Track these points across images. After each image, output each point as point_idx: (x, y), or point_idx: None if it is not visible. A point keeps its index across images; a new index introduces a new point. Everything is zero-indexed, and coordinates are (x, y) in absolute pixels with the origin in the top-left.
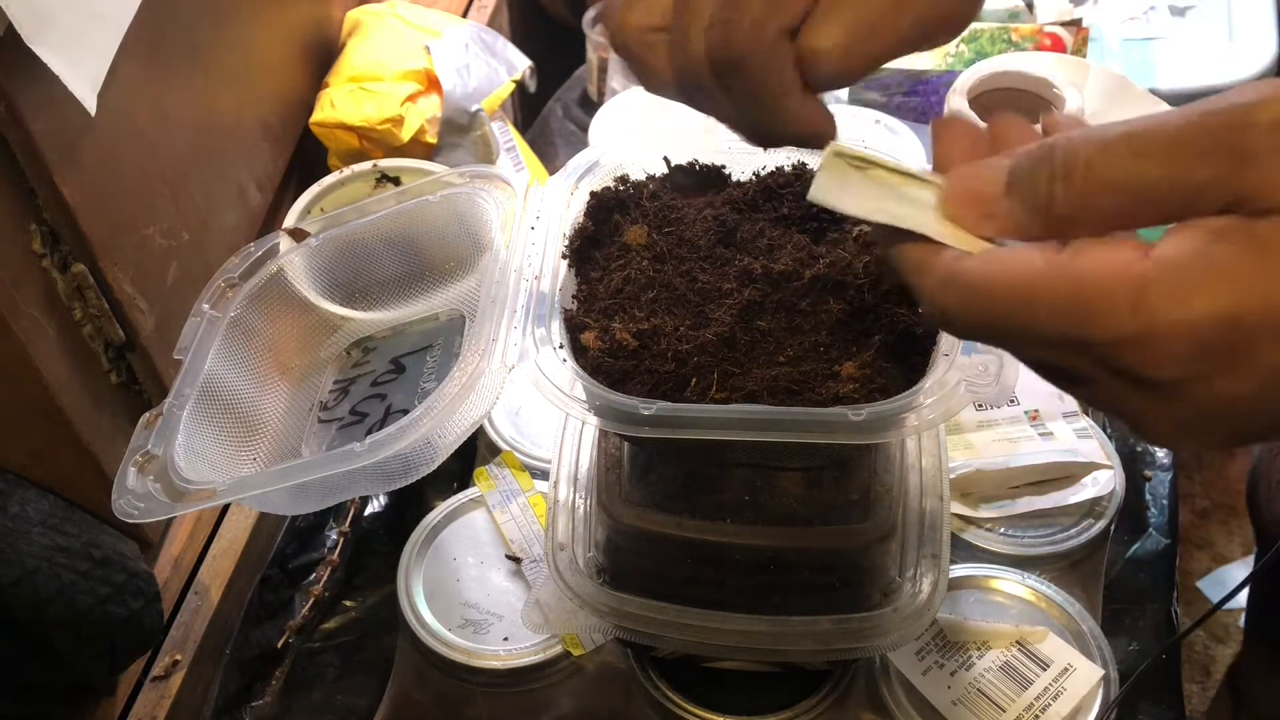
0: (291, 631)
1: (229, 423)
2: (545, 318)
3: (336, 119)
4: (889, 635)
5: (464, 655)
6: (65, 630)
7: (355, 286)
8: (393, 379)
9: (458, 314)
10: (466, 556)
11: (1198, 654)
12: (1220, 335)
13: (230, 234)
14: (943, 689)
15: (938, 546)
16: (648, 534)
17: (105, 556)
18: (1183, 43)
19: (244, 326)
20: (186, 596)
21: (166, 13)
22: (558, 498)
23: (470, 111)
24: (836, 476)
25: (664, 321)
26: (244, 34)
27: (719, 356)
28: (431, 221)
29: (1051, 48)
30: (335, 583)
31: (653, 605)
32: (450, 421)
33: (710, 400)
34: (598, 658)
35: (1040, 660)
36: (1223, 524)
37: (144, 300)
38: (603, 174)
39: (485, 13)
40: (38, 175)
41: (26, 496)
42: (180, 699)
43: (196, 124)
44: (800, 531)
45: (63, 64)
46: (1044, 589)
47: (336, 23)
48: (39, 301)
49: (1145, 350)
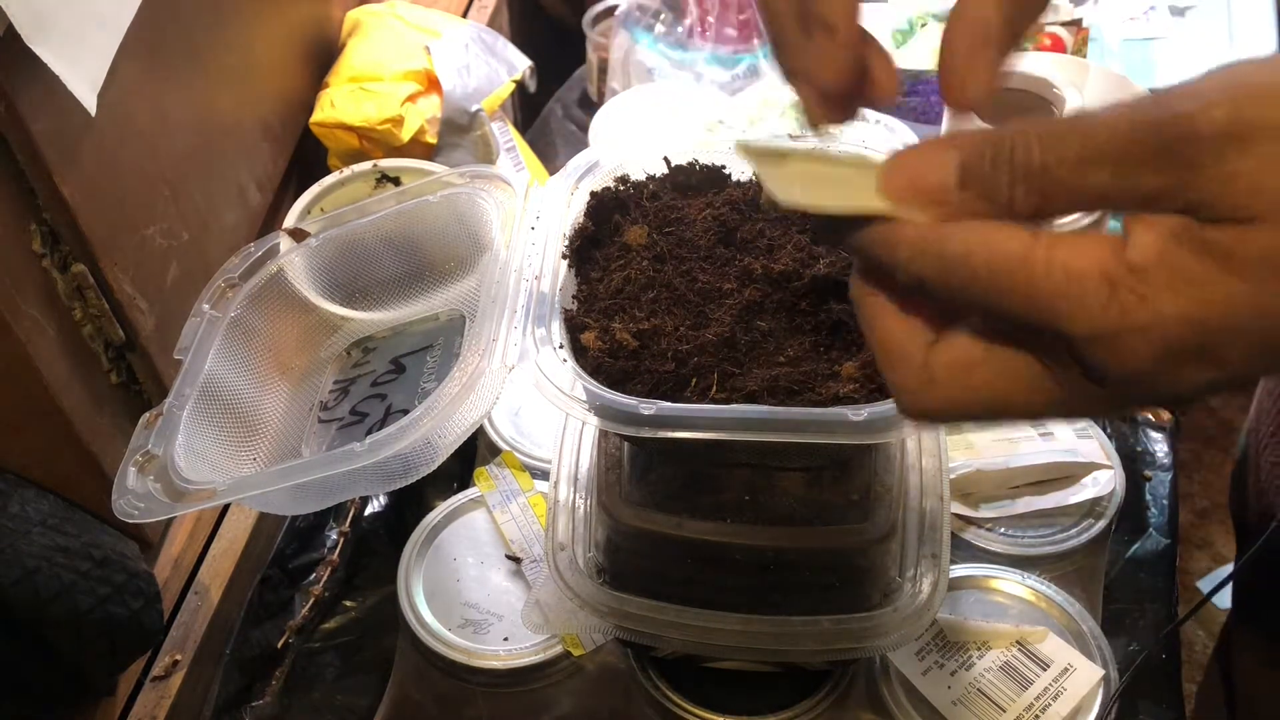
0: (291, 631)
1: (229, 423)
2: (545, 318)
3: (336, 119)
4: (889, 635)
5: (464, 655)
6: (65, 630)
7: (355, 286)
8: (393, 379)
9: (458, 314)
10: (466, 556)
11: (1197, 654)
12: (1187, 338)
13: (230, 234)
14: (943, 689)
15: (938, 546)
16: (648, 534)
17: (105, 556)
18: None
19: (244, 326)
20: (186, 596)
21: (166, 13)
22: (558, 498)
23: (470, 111)
24: (836, 476)
25: (664, 321)
26: (244, 34)
27: (719, 357)
28: (431, 221)
29: (1051, 48)
30: (335, 583)
31: (653, 605)
32: (450, 421)
33: (710, 400)
34: (598, 658)
35: (1040, 660)
36: (1223, 524)
37: (144, 300)
38: (603, 174)
39: (485, 13)
40: (38, 175)
41: (26, 496)
42: (180, 699)
43: (196, 124)
44: (800, 531)
45: (63, 64)
46: (1044, 589)
47: (336, 23)
48: (39, 301)
49: (1112, 347)
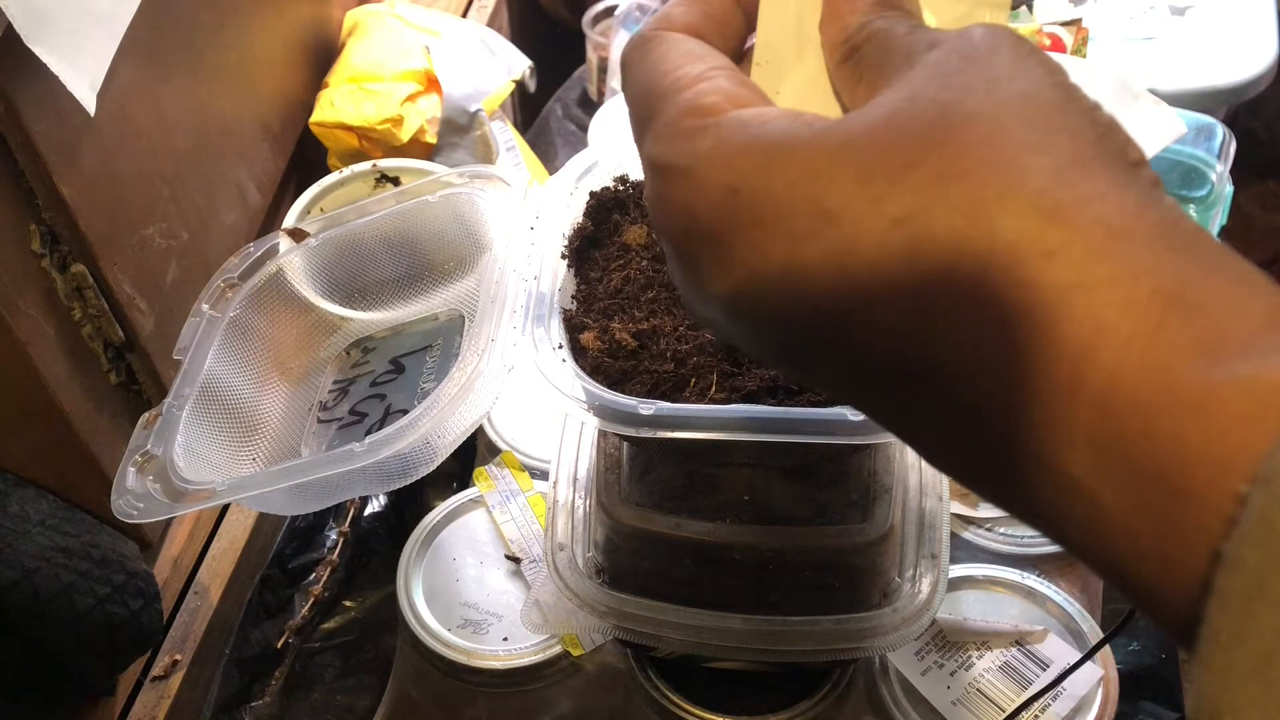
0: (291, 631)
1: (228, 423)
2: (544, 318)
3: (336, 119)
4: (888, 635)
5: (463, 655)
6: (65, 630)
7: (355, 287)
8: (392, 379)
9: (457, 314)
10: (466, 556)
11: None
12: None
13: (230, 234)
14: (942, 689)
15: (937, 546)
16: (647, 534)
17: (105, 557)
18: (1183, 43)
19: (243, 327)
20: (186, 596)
21: (166, 13)
22: (557, 498)
23: (470, 111)
24: (836, 476)
25: (663, 321)
26: (244, 34)
27: (718, 356)
28: (431, 222)
29: (1051, 48)
30: (335, 583)
31: (652, 605)
32: (449, 422)
33: (710, 400)
34: (597, 658)
35: (1040, 660)
36: None
37: (143, 300)
38: (602, 174)
39: (485, 13)
40: (37, 175)
41: (26, 496)
42: (180, 699)
43: (196, 124)
44: (800, 531)
45: (62, 64)
46: (1044, 589)
47: (336, 23)
48: (39, 301)
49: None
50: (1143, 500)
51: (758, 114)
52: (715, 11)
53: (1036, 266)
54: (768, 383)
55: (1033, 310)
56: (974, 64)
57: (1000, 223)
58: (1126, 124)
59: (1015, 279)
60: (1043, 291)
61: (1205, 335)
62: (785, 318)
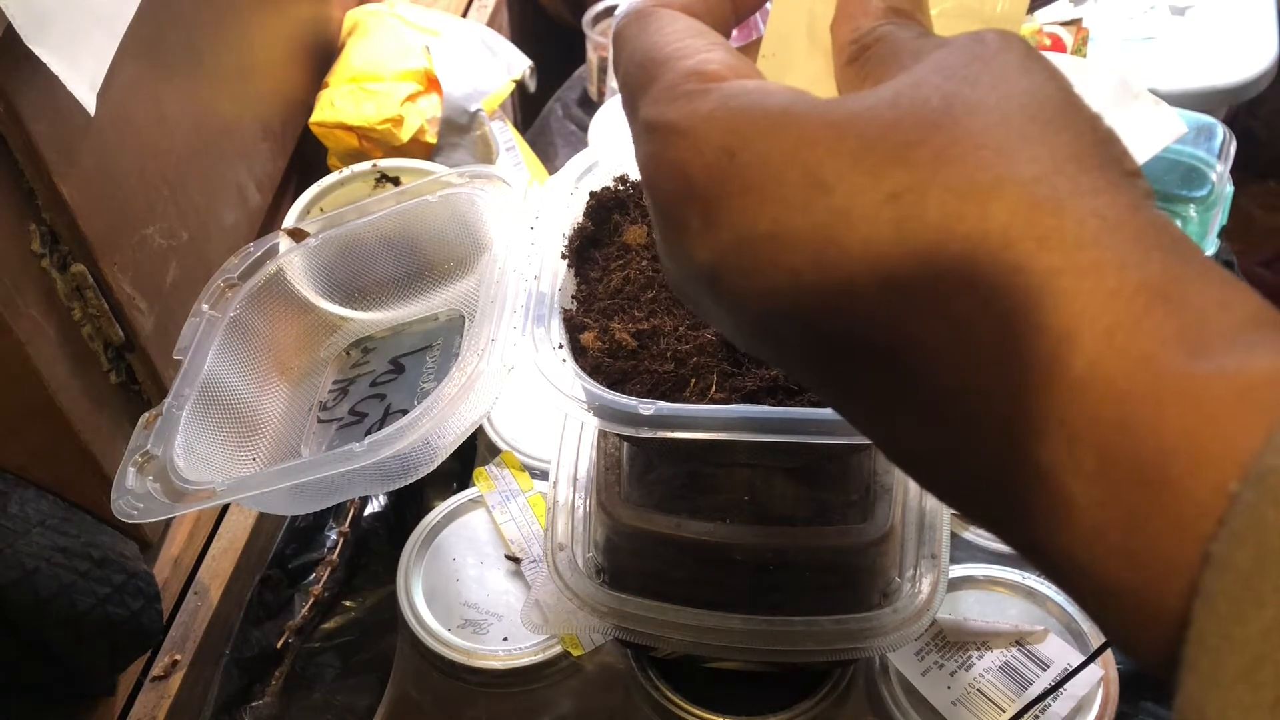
0: (291, 631)
1: (228, 423)
2: (544, 318)
3: (336, 119)
4: (889, 635)
5: (463, 655)
6: (65, 630)
7: (355, 287)
8: (392, 379)
9: (457, 314)
10: (466, 557)
11: None
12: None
13: (230, 234)
14: (942, 689)
15: (937, 546)
16: (647, 534)
17: (105, 557)
18: (1183, 43)
19: (243, 327)
20: (186, 596)
21: (166, 13)
22: (557, 498)
23: (470, 111)
24: (836, 476)
25: (663, 321)
26: (244, 34)
27: (718, 356)
28: (431, 221)
29: (1052, 48)
30: (335, 583)
31: (652, 605)
32: (449, 422)
33: (710, 400)
34: (597, 658)
35: (1040, 660)
36: None
37: (143, 300)
38: (603, 174)
39: (485, 13)
40: (37, 175)
41: (26, 496)
42: (180, 699)
43: (196, 124)
44: (800, 531)
45: (62, 64)
46: (1044, 589)
47: (336, 23)
48: (39, 301)
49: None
50: (1112, 492)
51: (761, 84)
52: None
53: (1026, 251)
54: (768, 383)
55: (1017, 294)
56: (982, 60)
57: (994, 206)
58: (1127, 124)
59: (1004, 262)
60: (1030, 276)
61: (1190, 329)
62: (766, 289)
